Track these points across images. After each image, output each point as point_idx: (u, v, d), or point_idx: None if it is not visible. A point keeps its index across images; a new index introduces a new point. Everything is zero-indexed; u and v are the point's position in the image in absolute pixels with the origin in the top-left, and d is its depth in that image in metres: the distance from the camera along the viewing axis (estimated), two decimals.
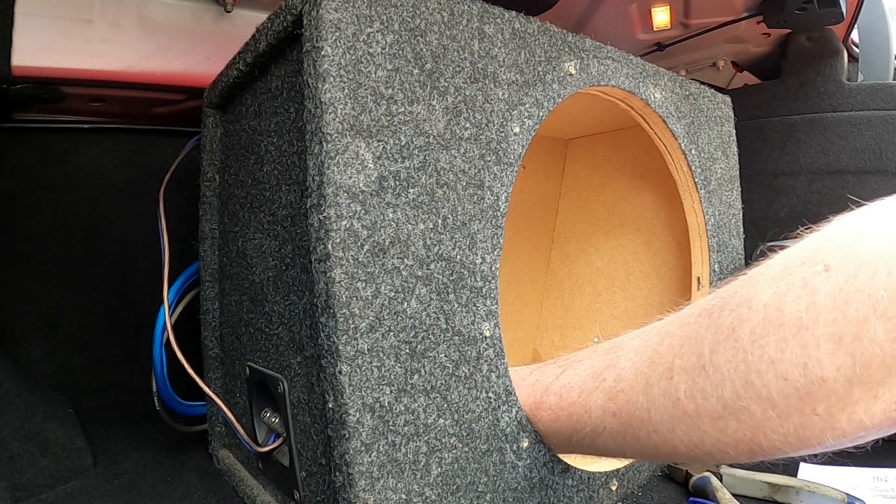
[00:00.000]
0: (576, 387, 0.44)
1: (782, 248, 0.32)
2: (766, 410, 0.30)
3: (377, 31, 0.42)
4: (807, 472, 0.69)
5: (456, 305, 0.46)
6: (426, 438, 0.43)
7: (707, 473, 0.64)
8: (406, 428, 0.42)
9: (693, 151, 0.73)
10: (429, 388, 0.44)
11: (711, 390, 0.32)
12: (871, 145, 0.96)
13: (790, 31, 1.03)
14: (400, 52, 0.44)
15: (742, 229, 0.83)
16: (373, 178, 0.42)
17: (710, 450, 0.33)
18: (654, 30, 1.02)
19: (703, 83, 0.79)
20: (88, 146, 0.92)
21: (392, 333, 0.42)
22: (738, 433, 0.32)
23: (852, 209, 0.31)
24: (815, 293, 0.28)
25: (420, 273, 0.44)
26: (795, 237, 0.32)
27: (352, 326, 0.40)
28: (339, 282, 0.40)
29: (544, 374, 0.49)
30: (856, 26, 1.08)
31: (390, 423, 0.41)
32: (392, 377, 0.42)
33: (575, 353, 0.48)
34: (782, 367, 0.29)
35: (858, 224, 0.30)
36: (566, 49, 0.56)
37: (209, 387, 0.67)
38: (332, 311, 0.40)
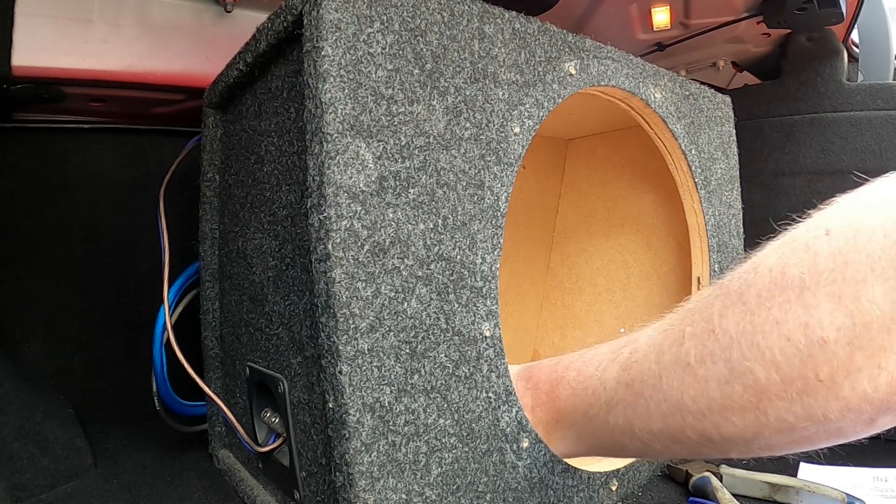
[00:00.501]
0: (594, 362, 0.45)
1: None
2: (770, 373, 0.30)
3: (377, 32, 0.42)
4: (807, 472, 0.69)
5: (456, 305, 0.46)
6: (426, 438, 0.43)
7: (707, 473, 0.64)
8: (406, 428, 0.42)
9: (693, 151, 0.73)
10: (429, 388, 0.44)
11: (720, 353, 0.32)
12: (871, 145, 0.96)
13: (790, 31, 1.03)
14: (400, 52, 0.44)
15: (742, 229, 0.83)
16: (373, 178, 0.42)
17: (717, 420, 0.33)
18: (654, 30, 1.02)
19: (703, 83, 0.79)
20: (88, 146, 0.92)
21: (392, 333, 0.42)
22: (744, 398, 0.32)
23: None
24: (816, 255, 0.29)
25: (420, 273, 0.44)
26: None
27: (352, 326, 0.40)
28: (340, 282, 0.40)
29: (568, 355, 0.50)
30: (856, 26, 1.08)
31: (390, 423, 0.42)
32: (392, 377, 0.42)
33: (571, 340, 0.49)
34: (786, 328, 0.29)
35: (859, 195, 0.30)
36: (566, 49, 0.56)
37: (209, 387, 0.67)
38: (332, 311, 0.40)
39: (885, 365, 0.27)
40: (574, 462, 0.55)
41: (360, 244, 0.41)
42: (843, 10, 0.90)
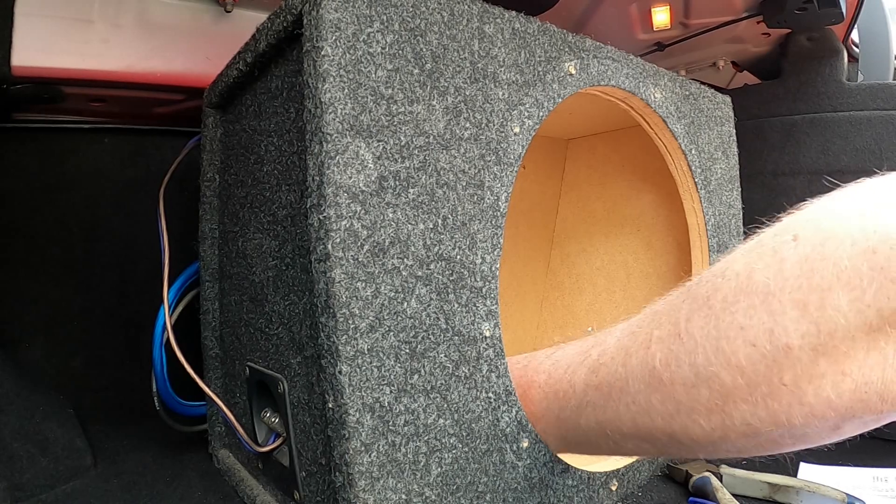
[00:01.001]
0: (563, 364, 0.45)
1: None
2: (735, 377, 0.30)
3: (377, 31, 0.42)
4: (807, 472, 0.69)
5: (456, 305, 0.46)
6: (426, 438, 0.43)
7: (707, 473, 0.64)
8: (406, 428, 0.42)
9: (693, 151, 0.73)
10: (429, 388, 0.44)
11: (685, 357, 0.33)
12: (871, 145, 0.96)
13: (790, 31, 1.03)
14: (400, 51, 0.44)
15: (742, 229, 0.83)
16: (373, 178, 0.42)
17: (684, 422, 0.34)
18: (654, 30, 1.02)
19: (703, 83, 0.79)
20: (88, 146, 0.92)
21: (392, 333, 0.42)
22: (710, 402, 0.32)
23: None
24: (783, 261, 0.29)
25: (420, 273, 0.44)
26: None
27: (352, 326, 0.40)
28: (339, 282, 0.40)
29: (537, 356, 0.50)
30: (856, 26, 1.08)
31: (390, 423, 0.42)
32: (392, 377, 0.42)
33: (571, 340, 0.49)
34: (750, 333, 0.29)
35: (830, 201, 0.30)
36: (566, 49, 0.56)
37: (209, 387, 0.67)
38: (332, 311, 0.40)
39: (848, 372, 0.27)
40: (574, 462, 0.55)
41: (359, 244, 0.41)
42: (843, 10, 0.90)
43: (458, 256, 0.46)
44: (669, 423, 0.35)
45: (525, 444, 0.50)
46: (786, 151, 1.04)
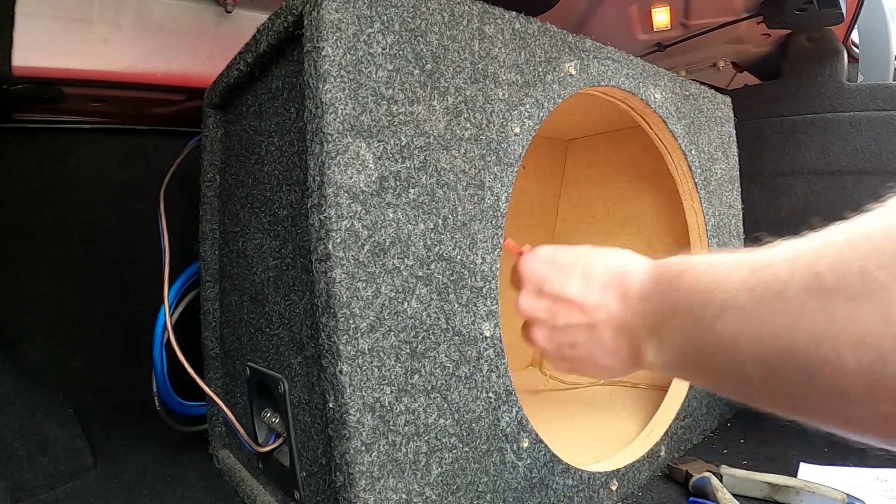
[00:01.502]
0: (727, 260, 0.39)
1: None
2: None
3: (378, 32, 0.42)
4: (807, 472, 0.69)
5: (456, 305, 0.46)
6: (426, 438, 0.43)
7: (707, 473, 0.64)
8: (406, 428, 0.42)
9: (693, 152, 0.73)
10: (429, 387, 0.44)
11: (855, 262, 0.28)
12: (871, 145, 0.96)
13: (790, 31, 1.03)
14: (400, 52, 0.44)
15: (742, 230, 0.83)
16: (373, 179, 0.42)
17: (831, 348, 0.28)
18: (654, 30, 1.02)
19: (703, 83, 0.79)
20: (88, 146, 0.92)
21: (392, 333, 0.42)
22: (870, 324, 0.26)
23: (851, 210, 0.29)
24: None
25: (420, 273, 0.44)
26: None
27: (352, 326, 0.40)
28: (340, 282, 0.40)
29: (697, 255, 0.43)
30: (856, 27, 1.09)
31: (391, 422, 0.42)
32: (392, 377, 0.42)
33: None
34: None
35: None
36: (566, 49, 0.56)
37: (209, 387, 0.67)
38: (332, 311, 0.40)
39: None
40: (574, 462, 0.55)
41: (360, 244, 0.41)
42: (843, 10, 0.90)
43: (459, 256, 0.46)
44: (814, 348, 0.29)
45: (525, 444, 0.50)
46: (786, 152, 1.04)
